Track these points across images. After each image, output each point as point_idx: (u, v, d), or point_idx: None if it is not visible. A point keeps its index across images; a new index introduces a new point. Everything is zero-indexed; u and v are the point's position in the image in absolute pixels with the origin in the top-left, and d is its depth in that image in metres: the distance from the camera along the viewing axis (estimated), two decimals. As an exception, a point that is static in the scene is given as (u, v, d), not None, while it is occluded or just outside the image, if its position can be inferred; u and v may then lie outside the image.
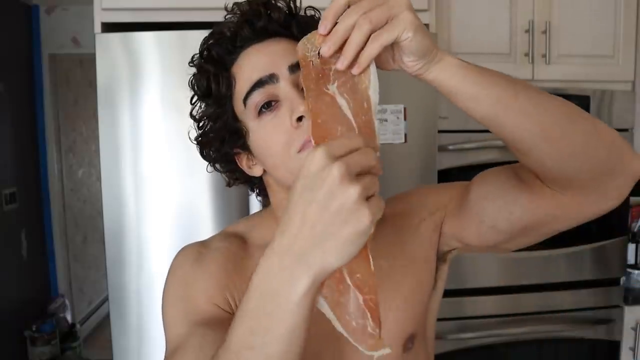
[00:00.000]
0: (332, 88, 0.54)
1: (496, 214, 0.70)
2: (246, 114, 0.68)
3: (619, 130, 1.88)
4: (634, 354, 1.93)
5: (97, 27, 1.52)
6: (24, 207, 2.93)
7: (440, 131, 1.68)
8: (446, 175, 1.74)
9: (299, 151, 0.63)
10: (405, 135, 1.59)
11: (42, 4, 3.02)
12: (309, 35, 0.57)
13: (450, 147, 1.74)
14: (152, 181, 1.51)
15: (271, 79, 0.65)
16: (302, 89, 0.59)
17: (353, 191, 0.44)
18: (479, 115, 0.58)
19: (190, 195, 1.52)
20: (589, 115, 0.61)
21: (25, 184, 2.97)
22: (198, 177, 1.52)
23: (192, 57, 0.74)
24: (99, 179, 1.55)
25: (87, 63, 3.78)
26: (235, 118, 0.70)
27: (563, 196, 0.64)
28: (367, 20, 0.51)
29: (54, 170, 3.23)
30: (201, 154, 0.75)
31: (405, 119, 1.58)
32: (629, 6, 1.92)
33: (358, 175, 0.45)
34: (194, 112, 0.74)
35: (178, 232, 1.51)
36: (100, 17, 1.52)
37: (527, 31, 1.84)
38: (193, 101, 0.74)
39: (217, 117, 0.71)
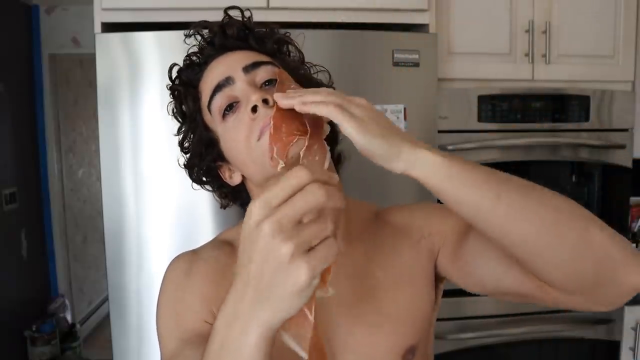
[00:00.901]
0: None
1: (485, 275, 0.70)
2: (214, 121, 0.72)
3: (619, 130, 1.89)
4: (634, 354, 1.93)
5: (97, 27, 1.52)
6: (24, 207, 2.93)
7: (440, 131, 1.68)
8: (446, 175, 1.74)
9: (258, 139, 0.66)
10: (405, 135, 1.59)
11: (42, 4, 3.02)
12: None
13: (450, 147, 1.74)
14: (152, 181, 1.51)
15: (227, 81, 0.69)
16: (260, 86, 0.69)
17: (285, 250, 0.43)
18: (464, 216, 0.58)
19: (190, 195, 1.51)
20: (583, 215, 0.57)
21: (25, 184, 2.97)
22: (198, 177, 1.51)
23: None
24: (99, 179, 1.55)
25: (87, 63, 3.77)
26: (206, 129, 0.74)
27: (551, 289, 0.62)
28: (330, 98, 0.57)
29: (54, 170, 3.22)
30: (190, 177, 0.79)
31: (405, 119, 1.58)
32: (629, 7, 1.92)
33: (300, 223, 0.44)
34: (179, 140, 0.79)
35: (178, 232, 1.51)
36: (100, 17, 1.52)
37: (527, 31, 1.84)
38: (178, 130, 0.79)
39: (193, 132, 0.76)
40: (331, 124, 0.74)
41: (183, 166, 0.79)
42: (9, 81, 2.78)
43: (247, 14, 0.76)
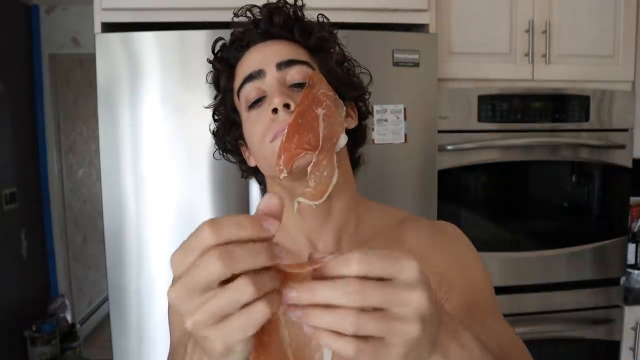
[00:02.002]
0: (320, 111, 0.63)
1: None
2: (240, 107, 0.74)
3: (619, 130, 1.90)
4: (634, 354, 1.93)
5: (97, 27, 1.52)
6: (24, 207, 2.93)
7: (440, 131, 1.68)
8: (446, 175, 1.74)
9: (272, 141, 0.67)
10: (405, 135, 1.59)
11: (42, 4, 3.02)
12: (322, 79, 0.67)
13: (450, 147, 1.74)
14: (152, 181, 1.51)
15: (259, 74, 0.70)
16: (290, 86, 0.69)
17: (188, 324, 0.39)
18: None
19: (190, 195, 1.52)
20: None
21: (25, 184, 2.97)
22: (198, 177, 1.52)
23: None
24: (99, 179, 1.55)
25: (87, 63, 3.78)
26: (233, 110, 0.76)
27: None
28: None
29: (54, 170, 3.22)
30: (217, 144, 0.81)
31: (405, 119, 1.58)
32: (628, 6, 1.92)
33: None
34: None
35: (178, 232, 1.51)
36: (100, 17, 1.52)
37: (527, 31, 1.84)
38: (215, 97, 0.81)
39: (223, 107, 0.78)
40: (353, 130, 0.74)
41: (212, 133, 0.82)
42: (9, 81, 2.78)
43: (299, 2, 0.76)
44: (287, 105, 0.65)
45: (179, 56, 1.50)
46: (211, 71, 0.79)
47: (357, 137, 0.77)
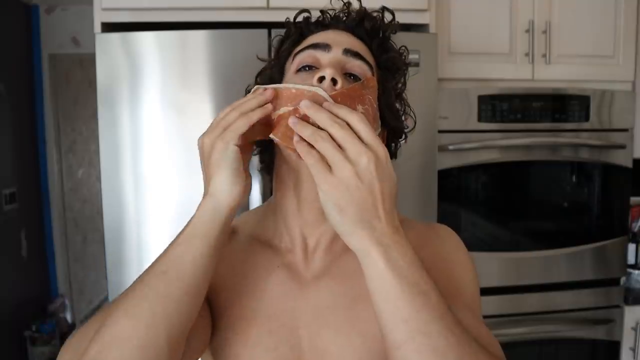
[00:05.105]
0: (359, 108, 0.65)
1: None
2: (289, 69, 0.74)
3: (619, 130, 1.90)
4: (634, 354, 1.93)
5: (97, 27, 1.52)
6: (24, 207, 2.93)
7: (440, 131, 1.68)
8: (446, 175, 1.74)
9: None
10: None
11: (42, 4, 3.02)
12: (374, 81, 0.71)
13: (450, 147, 1.75)
14: (152, 181, 1.51)
15: (325, 47, 0.71)
16: (344, 74, 0.70)
17: (206, 140, 0.67)
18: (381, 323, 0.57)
19: (190, 195, 1.52)
20: None
21: (25, 184, 2.96)
22: (197, 176, 1.51)
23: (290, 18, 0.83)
24: (99, 179, 1.55)
25: (87, 63, 3.76)
26: (281, 71, 0.76)
27: None
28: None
29: (54, 170, 3.22)
30: None
31: (405, 119, 1.58)
32: (629, 6, 1.92)
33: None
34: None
35: (178, 232, 1.50)
36: (100, 17, 1.52)
37: (527, 31, 1.84)
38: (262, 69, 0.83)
39: (270, 69, 0.77)
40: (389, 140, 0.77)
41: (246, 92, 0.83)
42: (9, 81, 2.78)
43: (394, 24, 0.79)
44: (334, 81, 0.65)
45: (179, 56, 1.50)
46: (279, 35, 0.80)
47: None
